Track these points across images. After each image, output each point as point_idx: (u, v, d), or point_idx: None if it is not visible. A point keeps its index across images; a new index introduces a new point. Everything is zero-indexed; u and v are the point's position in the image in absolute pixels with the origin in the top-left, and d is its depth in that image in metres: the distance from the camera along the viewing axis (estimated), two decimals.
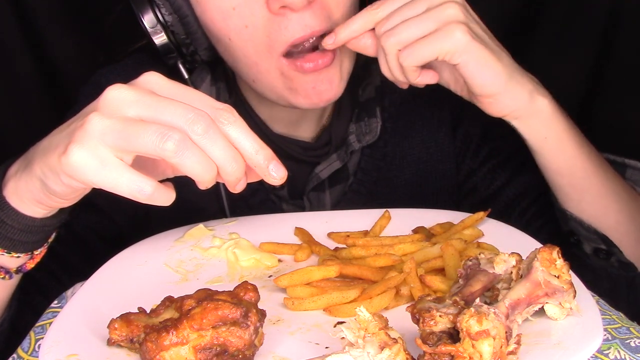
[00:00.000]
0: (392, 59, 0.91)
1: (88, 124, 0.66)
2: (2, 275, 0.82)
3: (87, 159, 0.65)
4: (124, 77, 1.14)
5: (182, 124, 0.65)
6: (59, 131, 0.73)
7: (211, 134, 0.66)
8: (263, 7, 0.91)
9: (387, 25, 0.90)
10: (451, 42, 0.87)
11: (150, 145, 0.64)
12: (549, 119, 0.94)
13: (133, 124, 0.65)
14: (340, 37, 0.93)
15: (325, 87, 0.97)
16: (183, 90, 0.70)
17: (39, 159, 0.73)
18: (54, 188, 0.72)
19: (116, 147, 0.66)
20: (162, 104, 0.66)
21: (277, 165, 0.71)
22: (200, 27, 0.99)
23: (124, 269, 0.88)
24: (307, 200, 1.16)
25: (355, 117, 1.15)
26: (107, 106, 0.67)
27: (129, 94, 0.67)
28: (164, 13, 0.99)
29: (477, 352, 0.59)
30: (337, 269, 0.80)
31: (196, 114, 0.66)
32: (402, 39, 0.88)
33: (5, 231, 0.78)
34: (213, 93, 1.12)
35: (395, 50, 0.90)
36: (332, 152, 1.14)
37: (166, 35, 1.00)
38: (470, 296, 0.68)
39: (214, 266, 0.90)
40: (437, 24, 0.87)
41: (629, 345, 0.70)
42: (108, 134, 0.65)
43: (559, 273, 0.69)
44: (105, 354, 0.69)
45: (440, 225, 0.94)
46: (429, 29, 0.87)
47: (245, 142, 0.69)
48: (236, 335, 0.64)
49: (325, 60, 0.95)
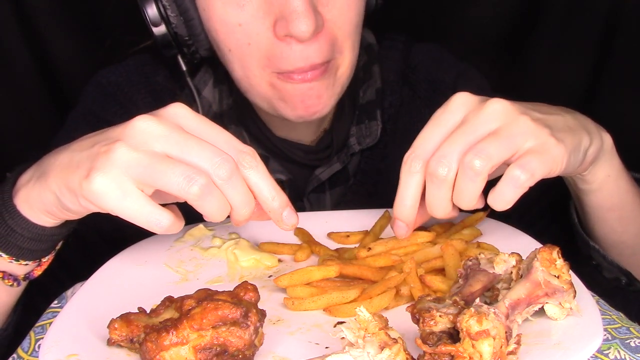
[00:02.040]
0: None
1: (113, 154, 0.66)
2: (10, 282, 0.82)
3: (109, 188, 0.66)
4: (125, 78, 1.16)
5: (207, 167, 0.67)
6: (79, 148, 0.73)
7: (233, 180, 0.68)
8: (269, 30, 0.91)
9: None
10: (550, 158, 0.75)
11: (175, 186, 0.66)
12: (612, 156, 0.89)
13: (160, 161, 0.66)
14: (408, 219, 0.81)
15: (313, 101, 0.96)
16: (209, 128, 0.71)
17: (56, 175, 0.73)
18: (69, 206, 0.73)
19: (139, 181, 0.67)
20: (190, 142, 0.68)
21: (290, 212, 0.74)
22: (204, 30, 1.00)
23: (124, 269, 0.88)
24: (307, 202, 1.16)
25: (356, 120, 1.15)
26: (134, 137, 0.68)
27: (157, 128, 0.68)
28: (169, 14, 0.99)
29: (477, 352, 0.59)
30: (337, 269, 0.80)
31: (222, 159, 0.68)
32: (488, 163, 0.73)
33: (14, 239, 0.78)
34: (216, 95, 1.12)
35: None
36: (333, 155, 1.14)
37: (167, 30, 1.00)
38: (470, 296, 0.68)
39: (214, 266, 0.90)
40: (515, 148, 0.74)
41: (629, 345, 0.70)
42: (133, 167, 0.66)
43: (559, 273, 0.69)
44: (105, 354, 0.69)
45: (440, 225, 0.94)
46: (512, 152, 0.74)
47: (264, 188, 0.71)
48: (236, 335, 0.64)
49: (315, 73, 0.94)
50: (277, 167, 1.14)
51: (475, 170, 0.72)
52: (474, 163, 0.72)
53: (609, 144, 0.88)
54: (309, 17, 0.86)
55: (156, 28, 0.99)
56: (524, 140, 0.74)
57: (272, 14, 0.90)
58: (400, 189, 0.79)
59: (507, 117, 0.76)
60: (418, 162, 0.77)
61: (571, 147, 0.77)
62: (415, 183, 0.78)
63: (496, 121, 0.75)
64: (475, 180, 0.73)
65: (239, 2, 0.91)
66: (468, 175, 0.73)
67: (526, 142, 0.74)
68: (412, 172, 0.78)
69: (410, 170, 0.78)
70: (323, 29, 0.91)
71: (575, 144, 0.79)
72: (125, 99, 1.15)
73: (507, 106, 0.76)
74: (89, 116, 1.15)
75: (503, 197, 0.73)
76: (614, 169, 0.90)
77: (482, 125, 0.75)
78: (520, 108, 0.77)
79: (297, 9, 0.86)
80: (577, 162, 0.81)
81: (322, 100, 0.97)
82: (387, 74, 1.18)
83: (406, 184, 0.78)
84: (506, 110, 0.76)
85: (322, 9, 0.91)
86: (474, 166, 0.72)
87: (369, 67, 1.16)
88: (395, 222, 0.81)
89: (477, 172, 0.72)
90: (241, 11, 0.91)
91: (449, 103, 0.79)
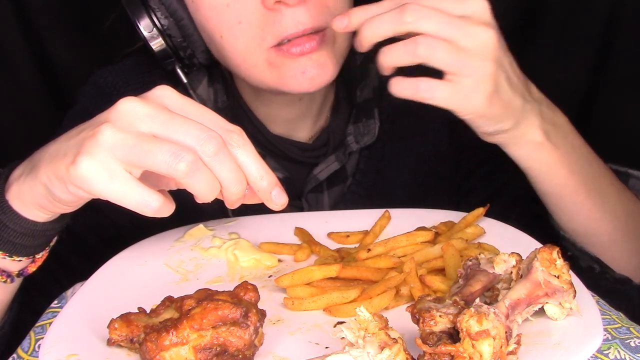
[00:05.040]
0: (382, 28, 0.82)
1: (99, 135, 0.66)
2: (3, 279, 0.82)
3: (96, 171, 0.65)
4: (122, 78, 1.16)
5: (194, 144, 0.66)
6: (66, 138, 0.73)
7: (221, 156, 0.67)
8: (257, 2, 0.91)
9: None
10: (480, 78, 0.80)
11: (163, 164, 0.65)
12: (540, 152, 0.90)
13: (146, 140, 0.66)
14: (352, 24, 0.84)
15: (315, 71, 0.95)
16: (195, 107, 0.71)
17: (45, 165, 0.72)
18: (59, 195, 0.72)
19: (126, 162, 0.66)
20: (176, 121, 0.67)
21: (279, 191, 0.73)
22: (197, 29, 1.00)
23: (124, 269, 0.88)
24: (306, 202, 1.16)
25: (353, 119, 1.14)
26: (119, 119, 0.67)
27: (142, 108, 0.67)
28: (159, 17, 0.99)
29: (477, 352, 0.59)
30: (337, 269, 0.80)
31: (208, 135, 0.66)
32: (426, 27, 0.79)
33: (7, 235, 0.78)
34: (211, 94, 1.12)
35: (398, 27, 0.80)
36: (330, 153, 1.14)
37: (163, 39, 1.01)
38: (470, 296, 0.68)
39: (214, 266, 0.90)
40: (466, 41, 0.79)
41: (629, 345, 0.70)
42: (119, 148, 0.65)
43: (559, 273, 0.69)
44: (105, 354, 0.69)
45: (444, 224, 0.94)
46: (454, 39, 0.79)
47: (252, 167, 0.70)
48: (236, 335, 0.64)
49: (313, 44, 0.93)
50: (274, 164, 1.14)
51: (415, 51, 0.79)
52: (420, 47, 0.78)
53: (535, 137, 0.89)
54: None
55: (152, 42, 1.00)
56: (465, 37, 0.79)
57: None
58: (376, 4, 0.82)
59: (488, 23, 0.82)
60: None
61: (492, 90, 0.80)
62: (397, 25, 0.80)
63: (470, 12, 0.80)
64: (404, 49, 0.79)
65: None
66: (407, 46, 0.79)
67: (467, 40, 0.78)
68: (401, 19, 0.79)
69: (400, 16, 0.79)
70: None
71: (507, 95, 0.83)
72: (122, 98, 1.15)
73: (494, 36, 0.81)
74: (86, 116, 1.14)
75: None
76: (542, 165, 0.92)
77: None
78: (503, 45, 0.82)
79: None
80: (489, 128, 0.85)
81: (325, 69, 0.96)
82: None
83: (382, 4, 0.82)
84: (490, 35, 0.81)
85: None
86: (418, 49, 0.78)
87: (366, 65, 1.16)
88: (345, 14, 0.84)
89: (414, 53, 0.79)
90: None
91: None
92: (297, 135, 1.15)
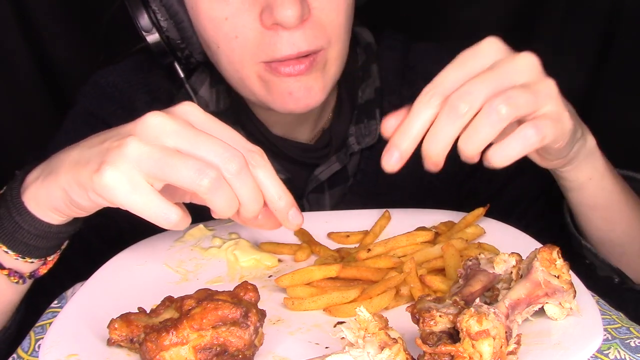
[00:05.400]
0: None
1: (125, 147, 0.67)
2: (15, 279, 0.82)
3: (119, 181, 0.67)
4: (123, 78, 1.16)
5: (217, 161, 0.68)
6: (89, 145, 0.73)
7: (243, 175, 0.69)
8: (256, 20, 0.92)
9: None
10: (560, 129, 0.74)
11: (187, 179, 0.66)
12: (595, 158, 0.88)
13: (171, 154, 0.67)
14: (405, 151, 0.75)
15: (302, 94, 0.96)
16: (218, 125, 0.72)
17: (66, 171, 0.73)
18: (78, 201, 0.73)
19: (150, 175, 0.67)
20: (201, 138, 0.68)
21: (296, 212, 0.74)
22: (195, 33, 1.00)
23: (124, 269, 0.88)
24: (307, 202, 1.16)
25: (355, 119, 1.14)
26: (146, 132, 0.68)
27: (169, 124, 0.68)
28: (159, 18, 1.00)
29: (477, 352, 0.59)
30: (337, 269, 0.80)
31: (232, 154, 0.68)
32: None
33: (21, 236, 0.79)
34: (213, 95, 1.13)
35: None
36: (331, 154, 1.14)
37: (161, 37, 1.01)
38: (470, 296, 0.68)
39: (214, 266, 0.90)
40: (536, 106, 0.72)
41: (629, 345, 0.70)
42: (144, 161, 0.67)
43: (559, 273, 0.69)
44: (105, 354, 0.69)
45: (444, 224, 0.94)
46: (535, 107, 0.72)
47: (271, 187, 0.72)
48: (236, 335, 0.64)
49: (302, 67, 0.94)
50: (276, 166, 1.13)
51: (500, 116, 0.69)
52: (500, 107, 0.69)
53: (592, 145, 0.87)
54: (294, 2, 0.87)
55: (150, 36, 1.01)
56: (546, 103, 0.72)
57: (258, 4, 0.91)
58: (410, 117, 0.73)
59: (537, 75, 0.74)
60: (438, 97, 0.72)
61: (574, 127, 0.77)
62: (427, 116, 0.72)
63: (527, 75, 0.73)
64: (495, 125, 0.69)
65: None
66: (491, 118, 0.69)
67: (547, 104, 0.72)
68: (428, 104, 0.73)
69: (426, 102, 0.73)
70: (310, 16, 0.92)
71: (576, 126, 0.79)
72: (123, 98, 1.15)
73: (538, 64, 0.74)
74: (87, 116, 1.16)
75: (507, 152, 0.70)
76: (597, 171, 0.89)
77: (514, 74, 0.72)
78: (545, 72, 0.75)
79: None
80: (569, 147, 0.80)
81: (312, 93, 0.97)
82: (386, 74, 1.18)
83: (417, 114, 0.73)
84: (537, 67, 0.74)
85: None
86: (500, 111, 0.69)
87: (368, 66, 1.16)
88: (389, 149, 0.75)
89: (501, 117, 0.69)
90: (226, 5, 0.92)
91: (479, 45, 0.76)
92: (299, 136, 1.15)
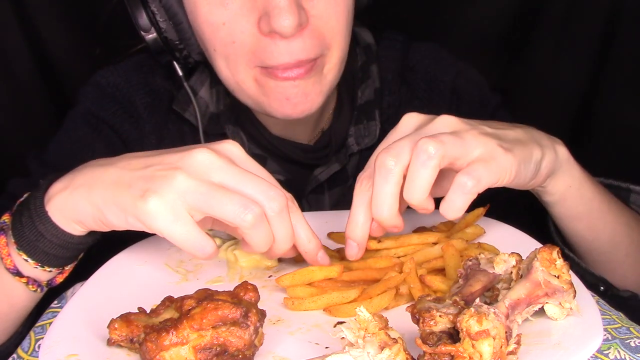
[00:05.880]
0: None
1: (173, 179, 0.70)
2: (34, 288, 0.82)
3: (163, 211, 0.69)
4: (124, 78, 1.16)
5: (261, 199, 0.71)
6: (129, 167, 0.75)
7: (283, 215, 0.73)
8: (254, 27, 0.92)
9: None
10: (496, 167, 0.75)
11: (231, 214, 0.70)
12: (570, 166, 0.88)
13: (217, 189, 0.70)
14: (361, 240, 0.80)
15: (299, 99, 0.96)
16: (257, 167, 0.77)
17: (104, 190, 0.74)
18: (112, 220, 0.74)
19: (194, 207, 0.70)
20: (246, 176, 0.72)
21: (324, 254, 0.81)
22: (194, 34, 1.01)
23: (124, 269, 0.88)
24: (307, 203, 1.16)
25: (354, 120, 1.14)
26: (193, 166, 0.71)
27: (215, 160, 0.72)
28: (158, 19, 1.00)
29: (477, 352, 0.59)
30: (339, 269, 0.80)
31: (276, 193, 0.72)
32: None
33: (42, 245, 0.79)
34: (213, 96, 1.13)
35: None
36: (331, 155, 1.14)
37: (159, 37, 1.02)
38: (470, 296, 0.68)
39: (214, 266, 0.90)
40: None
41: (629, 345, 0.70)
42: (190, 194, 0.70)
43: (559, 273, 0.69)
44: (105, 354, 0.69)
45: (444, 224, 0.94)
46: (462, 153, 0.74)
47: (302, 230, 0.78)
48: (236, 335, 0.64)
49: (300, 71, 0.94)
50: (276, 167, 1.14)
51: (428, 154, 0.71)
52: (427, 146, 0.71)
53: (564, 155, 0.87)
54: (291, 12, 0.87)
55: (148, 35, 1.02)
56: (473, 148, 0.74)
57: (256, 10, 0.91)
58: (353, 208, 0.79)
59: (460, 126, 0.77)
60: (368, 179, 0.78)
61: (520, 157, 0.77)
62: (366, 199, 0.78)
63: (449, 129, 0.77)
64: (427, 164, 0.72)
65: (222, 1, 0.92)
66: (421, 159, 0.72)
67: (475, 150, 0.74)
68: (362, 189, 0.78)
69: (361, 189, 0.78)
70: (308, 24, 0.92)
71: (525, 154, 0.79)
72: (123, 99, 1.15)
73: (457, 120, 0.78)
74: (88, 116, 1.16)
75: (453, 205, 0.73)
76: (574, 179, 0.89)
77: (435, 131, 0.76)
78: (470, 122, 0.79)
79: (279, 4, 0.87)
80: (529, 173, 0.80)
81: (309, 98, 0.97)
82: (385, 74, 1.18)
83: (357, 202, 0.79)
84: (456, 123, 0.78)
85: (307, 5, 0.92)
86: (428, 149, 0.71)
87: (367, 67, 1.16)
88: (347, 242, 0.81)
89: (430, 155, 0.71)
90: (225, 10, 0.92)
91: (399, 124, 0.82)
92: (298, 136, 1.15)
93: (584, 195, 0.91)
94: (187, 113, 1.13)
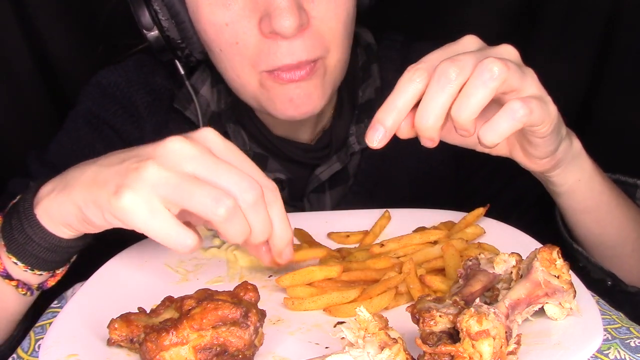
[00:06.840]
0: None
1: (144, 172, 0.67)
2: (23, 291, 0.82)
3: (137, 206, 0.67)
4: (125, 78, 1.16)
5: (235, 191, 0.68)
6: (106, 164, 0.73)
7: (258, 206, 0.70)
8: (255, 27, 0.92)
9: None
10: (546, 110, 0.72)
11: (203, 207, 0.66)
12: (582, 160, 0.87)
13: (189, 181, 0.67)
14: (390, 127, 0.74)
15: (302, 100, 0.97)
16: (236, 154, 0.73)
17: (82, 189, 0.73)
18: (92, 220, 0.73)
19: (168, 200, 0.67)
20: (219, 166, 0.69)
21: (290, 250, 0.77)
22: (196, 33, 1.01)
23: (124, 269, 0.88)
24: (308, 202, 1.16)
25: (355, 119, 1.15)
26: (165, 157, 0.68)
27: (188, 150, 0.69)
28: (160, 18, 1.00)
29: (477, 352, 0.59)
30: (338, 269, 0.80)
31: (250, 184, 0.69)
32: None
33: (32, 249, 0.78)
34: (214, 95, 1.13)
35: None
36: (332, 154, 1.14)
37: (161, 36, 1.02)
38: (470, 296, 0.68)
39: (214, 266, 0.90)
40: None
41: (629, 345, 0.70)
42: (163, 186, 0.67)
43: (559, 273, 0.69)
44: (105, 354, 0.69)
45: (444, 224, 0.94)
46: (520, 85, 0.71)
47: (277, 224, 0.73)
48: (236, 335, 0.64)
49: (303, 73, 0.94)
50: (277, 166, 1.14)
51: (492, 73, 0.67)
52: (493, 66, 0.67)
53: (577, 147, 0.86)
54: (292, 12, 0.87)
55: (150, 33, 1.01)
56: (530, 85, 0.71)
57: (258, 11, 0.91)
58: (395, 92, 0.72)
59: (520, 61, 0.74)
60: (422, 72, 0.71)
61: (558, 116, 0.75)
62: (413, 90, 0.71)
63: (509, 57, 0.72)
64: (487, 84, 0.67)
65: (224, 2, 0.92)
66: (483, 77, 0.67)
67: (531, 87, 0.71)
68: (412, 79, 0.71)
69: (410, 78, 0.71)
70: (309, 25, 0.92)
71: (560, 120, 0.77)
72: (124, 99, 1.15)
73: (518, 54, 0.74)
74: (88, 116, 1.16)
75: (498, 127, 0.68)
76: (584, 172, 0.88)
77: (499, 55, 0.71)
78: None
79: (280, 5, 0.87)
80: (554, 142, 0.78)
81: (312, 99, 0.97)
82: (386, 73, 1.18)
83: (402, 88, 0.71)
84: (518, 55, 0.74)
85: (308, 6, 0.92)
86: (493, 69, 0.67)
87: (368, 66, 1.16)
88: (373, 125, 0.73)
89: (493, 76, 0.67)
90: (227, 11, 0.92)
91: (460, 40, 0.76)
92: (299, 136, 1.15)
93: (594, 188, 0.91)
94: (189, 111, 1.13)
